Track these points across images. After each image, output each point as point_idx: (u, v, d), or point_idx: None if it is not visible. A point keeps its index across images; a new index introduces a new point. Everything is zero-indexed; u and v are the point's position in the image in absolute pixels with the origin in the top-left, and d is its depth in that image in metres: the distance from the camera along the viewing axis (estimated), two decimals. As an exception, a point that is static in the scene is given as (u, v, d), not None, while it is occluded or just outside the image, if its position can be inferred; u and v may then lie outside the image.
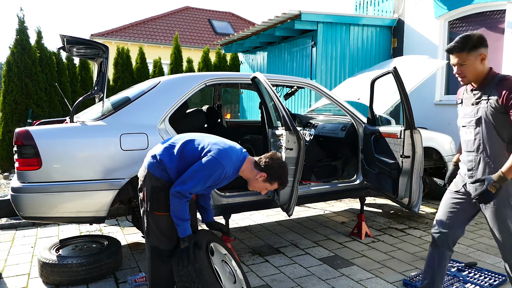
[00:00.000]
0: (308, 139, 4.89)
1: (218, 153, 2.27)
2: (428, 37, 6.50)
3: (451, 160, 4.99)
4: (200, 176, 2.23)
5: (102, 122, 3.12)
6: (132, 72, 9.46)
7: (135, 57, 9.72)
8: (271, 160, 2.41)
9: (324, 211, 5.27)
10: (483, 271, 3.29)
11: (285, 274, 3.29)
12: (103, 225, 4.59)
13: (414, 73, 4.98)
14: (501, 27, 5.58)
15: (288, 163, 3.15)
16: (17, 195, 2.89)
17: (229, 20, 19.95)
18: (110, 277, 3.21)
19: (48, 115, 8.01)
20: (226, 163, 2.27)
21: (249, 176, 2.43)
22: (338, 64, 6.81)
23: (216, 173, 2.26)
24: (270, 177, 2.40)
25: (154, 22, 17.33)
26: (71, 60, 8.99)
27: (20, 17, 7.96)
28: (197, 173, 2.23)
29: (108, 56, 3.26)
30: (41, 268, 3.08)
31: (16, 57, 7.79)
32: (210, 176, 2.25)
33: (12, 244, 4.00)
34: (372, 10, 7.90)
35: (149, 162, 2.39)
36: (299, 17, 6.34)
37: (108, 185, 3.01)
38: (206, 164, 2.24)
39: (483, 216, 2.41)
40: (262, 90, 3.42)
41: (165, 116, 3.25)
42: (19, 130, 2.90)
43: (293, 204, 3.25)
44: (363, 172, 3.99)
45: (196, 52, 14.87)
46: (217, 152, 2.27)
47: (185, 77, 3.69)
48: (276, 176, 2.41)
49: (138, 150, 3.08)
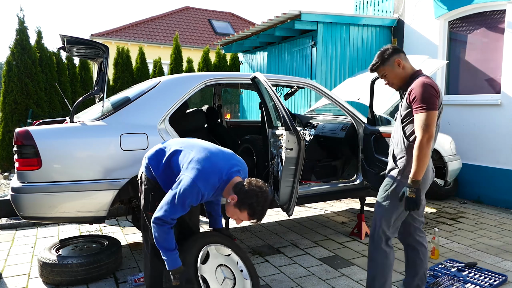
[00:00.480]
0: (308, 139, 4.89)
1: (196, 174, 2.12)
2: (428, 37, 6.50)
3: (451, 160, 5.05)
4: (178, 201, 2.10)
5: (102, 122, 3.12)
6: (132, 72, 9.45)
7: (135, 57, 9.72)
8: (249, 184, 2.13)
9: (324, 211, 5.27)
10: (483, 271, 3.29)
11: (285, 274, 3.29)
12: (103, 225, 4.59)
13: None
14: (501, 27, 5.58)
15: (288, 163, 3.15)
16: (17, 195, 2.89)
17: (229, 20, 19.94)
18: (110, 277, 3.21)
19: (48, 115, 8.00)
20: (201, 185, 2.11)
21: (226, 197, 2.19)
22: (338, 64, 6.81)
23: (192, 196, 2.10)
24: (240, 202, 2.10)
25: (154, 22, 17.33)
26: (71, 60, 8.99)
27: (20, 17, 7.96)
28: (174, 197, 2.11)
29: (108, 56, 3.26)
30: (41, 268, 3.08)
31: (16, 57, 7.79)
32: (185, 199, 2.10)
33: (12, 244, 4.00)
34: (372, 10, 7.90)
35: (144, 164, 2.47)
36: (299, 17, 6.34)
37: (108, 185, 3.01)
38: (182, 187, 2.10)
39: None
40: (262, 90, 3.42)
41: (165, 116, 3.25)
42: (19, 130, 2.90)
43: (293, 204, 3.25)
44: (363, 172, 3.98)
45: (196, 52, 14.87)
46: (195, 173, 2.12)
47: (185, 77, 3.69)
48: (247, 203, 2.09)
49: (138, 150, 3.08)
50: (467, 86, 6.15)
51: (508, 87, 5.43)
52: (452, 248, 3.92)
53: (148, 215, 2.39)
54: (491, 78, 5.77)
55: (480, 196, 5.81)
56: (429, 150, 2.24)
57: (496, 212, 5.28)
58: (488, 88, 5.82)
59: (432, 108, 2.23)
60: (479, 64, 5.95)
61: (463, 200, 5.88)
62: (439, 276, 3.18)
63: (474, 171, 5.86)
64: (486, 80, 5.86)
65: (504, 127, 5.50)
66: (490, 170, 5.69)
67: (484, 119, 5.74)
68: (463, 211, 5.29)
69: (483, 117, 5.74)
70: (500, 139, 5.54)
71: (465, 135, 5.94)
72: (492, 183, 5.65)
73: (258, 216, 2.15)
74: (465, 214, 5.17)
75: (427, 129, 2.21)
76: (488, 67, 5.81)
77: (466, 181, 5.95)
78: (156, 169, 2.36)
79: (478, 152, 5.84)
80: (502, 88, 5.51)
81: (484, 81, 5.89)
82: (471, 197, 5.93)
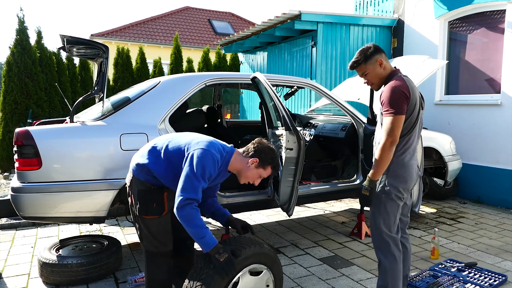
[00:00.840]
0: (308, 139, 4.89)
1: (203, 144, 2.22)
2: (428, 37, 6.50)
3: (451, 160, 5.05)
4: (197, 173, 2.12)
5: (102, 122, 3.12)
6: (132, 72, 9.45)
7: (135, 57, 9.71)
8: (259, 144, 2.32)
9: (324, 211, 5.27)
10: (483, 271, 3.29)
11: (285, 274, 3.28)
12: (103, 225, 4.59)
13: (414, 73, 4.98)
14: (501, 27, 5.58)
15: (288, 163, 3.15)
16: (17, 195, 2.89)
17: (229, 20, 19.94)
18: (110, 277, 3.21)
19: (48, 115, 8.00)
20: (214, 151, 2.20)
21: (239, 166, 2.31)
22: (338, 64, 6.81)
23: (209, 162, 2.16)
24: (263, 161, 2.28)
25: (154, 22, 17.32)
26: (71, 60, 8.98)
27: (20, 17, 7.95)
28: (192, 172, 2.13)
29: (108, 56, 3.26)
30: (41, 268, 3.08)
31: (16, 57, 7.78)
32: (205, 168, 2.14)
33: (12, 244, 4.00)
34: (372, 10, 7.89)
35: (133, 167, 2.36)
36: (299, 17, 6.33)
37: (108, 185, 3.01)
38: (197, 158, 2.15)
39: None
40: (262, 90, 3.42)
41: (165, 116, 3.25)
42: (19, 130, 2.90)
43: (293, 204, 3.25)
44: (363, 172, 3.98)
45: (196, 52, 14.87)
46: (202, 144, 2.22)
47: (185, 77, 3.69)
48: (269, 159, 2.30)
49: (138, 150, 3.07)
50: (467, 86, 6.15)
51: (508, 87, 5.43)
52: (452, 248, 3.92)
53: (145, 220, 2.31)
54: (491, 78, 5.77)
55: (480, 196, 5.81)
56: (391, 153, 2.29)
57: (496, 212, 5.28)
58: (488, 88, 5.82)
59: (399, 113, 2.25)
60: (479, 64, 5.95)
61: (463, 200, 5.88)
62: (439, 276, 3.18)
63: (474, 171, 5.86)
64: (486, 80, 5.86)
65: (504, 127, 5.50)
66: (490, 170, 5.69)
67: (484, 119, 5.74)
68: (463, 211, 5.29)
69: (483, 117, 5.74)
70: (500, 139, 5.54)
71: (465, 135, 5.93)
72: (492, 183, 5.65)
73: (279, 167, 2.37)
74: (465, 214, 5.17)
75: (391, 133, 2.25)
76: (488, 67, 5.81)
77: (466, 181, 5.95)
78: (157, 166, 2.27)
79: (478, 152, 5.84)
80: (502, 88, 5.51)
81: (484, 81, 5.89)
82: (471, 197, 5.93)
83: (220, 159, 2.24)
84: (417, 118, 2.36)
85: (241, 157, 2.32)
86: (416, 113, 2.35)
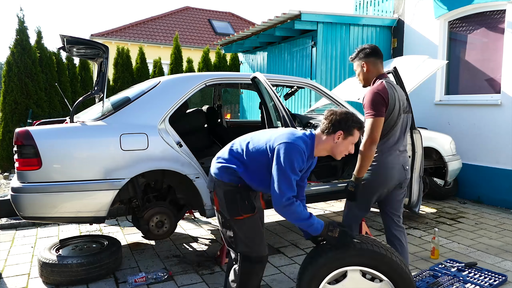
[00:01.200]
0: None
1: (286, 137, 2.17)
2: (428, 37, 6.50)
3: (451, 160, 5.05)
4: (287, 168, 2.09)
5: (102, 122, 3.12)
6: (132, 72, 9.45)
7: (135, 57, 9.72)
8: (333, 116, 2.24)
9: (324, 211, 5.27)
10: (483, 271, 3.29)
11: (285, 274, 3.29)
12: (103, 225, 4.59)
13: (414, 73, 4.98)
14: (501, 27, 5.58)
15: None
16: (17, 195, 2.89)
17: (229, 20, 19.95)
18: (110, 277, 3.21)
19: (48, 115, 8.00)
20: (298, 143, 2.15)
21: (328, 147, 2.28)
22: (338, 64, 6.81)
23: (297, 155, 2.12)
24: (346, 130, 2.22)
25: (154, 22, 17.33)
26: (71, 60, 8.98)
27: (20, 17, 7.95)
28: (282, 169, 2.09)
29: (108, 56, 3.27)
30: (41, 268, 3.08)
31: (16, 57, 7.78)
32: (293, 161, 2.10)
33: (12, 244, 4.00)
34: (372, 10, 7.89)
35: (215, 171, 2.29)
36: (299, 17, 6.33)
37: (108, 185, 3.01)
38: (283, 154, 2.11)
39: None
40: (262, 90, 3.42)
41: (165, 116, 3.25)
42: (19, 130, 2.91)
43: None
44: (363, 172, 3.98)
45: (196, 52, 14.87)
46: (284, 138, 2.17)
47: (185, 77, 3.69)
48: (350, 123, 2.22)
49: (138, 150, 3.08)
50: (467, 86, 6.15)
51: (508, 87, 5.43)
52: (452, 248, 3.92)
53: (237, 221, 2.22)
54: (491, 78, 5.77)
55: (480, 196, 5.81)
56: (372, 152, 2.50)
57: (496, 212, 5.28)
58: (488, 88, 5.82)
59: (379, 115, 2.48)
60: (479, 64, 5.95)
61: (463, 200, 5.88)
62: (439, 276, 3.18)
63: (474, 171, 5.86)
64: (486, 80, 5.86)
65: (504, 127, 5.50)
66: (490, 170, 5.69)
67: (484, 119, 5.74)
68: (463, 211, 5.29)
69: (483, 117, 5.74)
70: (500, 139, 5.54)
71: (465, 135, 5.94)
72: (492, 183, 5.65)
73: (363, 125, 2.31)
74: (465, 214, 5.17)
75: (371, 134, 2.48)
76: (488, 67, 5.81)
77: (466, 181, 5.96)
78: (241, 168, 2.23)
79: (478, 152, 5.84)
80: (502, 88, 5.51)
81: (484, 81, 5.89)
82: (471, 197, 5.93)
83: (305, 148, 2.20)
84: (396, 120, 2.55)
85: (324, 137, 2.26)
86: (396, 115, 2.55)
